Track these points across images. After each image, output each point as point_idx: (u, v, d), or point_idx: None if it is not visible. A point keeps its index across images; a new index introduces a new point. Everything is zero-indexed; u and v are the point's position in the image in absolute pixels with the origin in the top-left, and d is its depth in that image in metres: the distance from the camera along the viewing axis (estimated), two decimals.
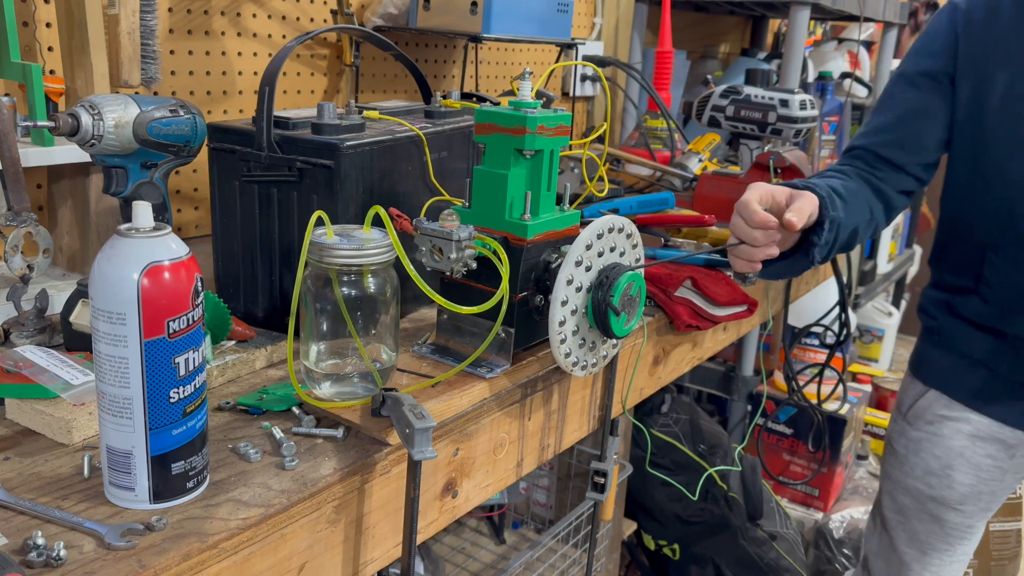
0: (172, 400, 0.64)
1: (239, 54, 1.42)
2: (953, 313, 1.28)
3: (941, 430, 1.29)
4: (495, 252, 0.86)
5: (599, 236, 0.89)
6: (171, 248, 0.63)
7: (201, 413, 0.67)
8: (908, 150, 1.23)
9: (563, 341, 0.90)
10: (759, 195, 1.03)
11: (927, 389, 1.32)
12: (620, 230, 0.93)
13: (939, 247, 1.32)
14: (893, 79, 1.27)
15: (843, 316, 1.79)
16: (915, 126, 1.23)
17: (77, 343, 0.88)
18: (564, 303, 0.88)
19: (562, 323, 0.89)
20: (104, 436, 0.64)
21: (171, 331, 0.63)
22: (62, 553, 0.58)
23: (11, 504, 0.64)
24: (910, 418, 1.34)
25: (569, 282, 0.87)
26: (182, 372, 0.64)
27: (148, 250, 0.61)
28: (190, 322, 0.64)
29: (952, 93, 1.21)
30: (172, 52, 1.33)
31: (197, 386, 0.66)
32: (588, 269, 0.90)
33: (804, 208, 1.02)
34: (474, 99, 1.26)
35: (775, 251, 1.04)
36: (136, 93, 0.95)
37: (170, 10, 1.31)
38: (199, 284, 0.65)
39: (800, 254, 1.10)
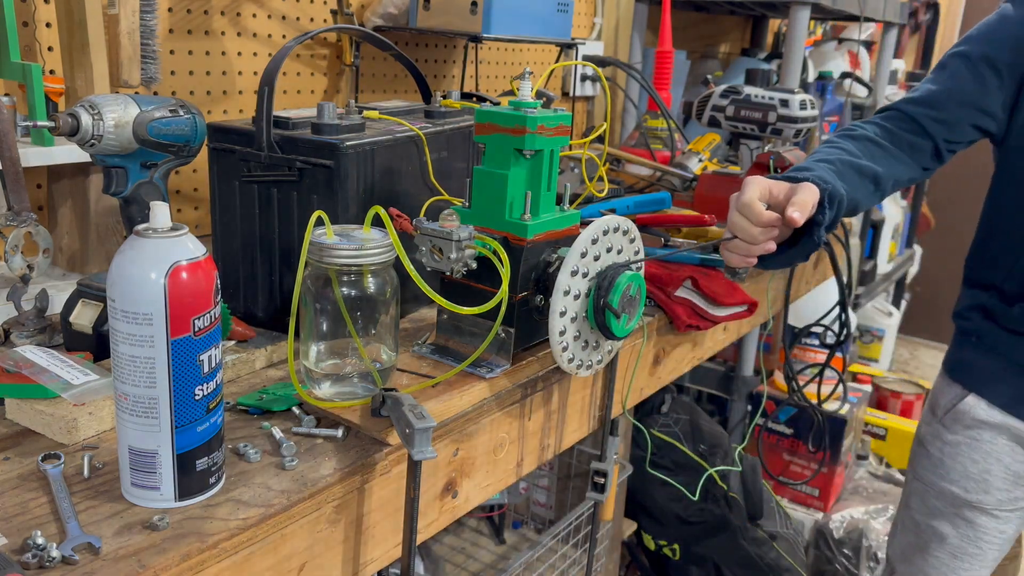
0: (197, 397, 0.64)
1: (239, 54, 1.42)
2: (992, 317, 1.26)
3: (981, 435, 1.27)
4: (495, 252, 0.86)
5: (594, 241, 0.89)
6: (191, 248, 0.63)
7: (220, 409, 0.68)
8: (946, 125, 1.20)
9: (564, 349, 0.90)
10: (759, 192, 1.01)
11: (966, 393, 1.29)
12: (616, 230, 0.93)
13: (981, 248, 1.29)
14: (953, 55, 1.23)
15: (843, 316, 1.79)
16: (962, 107, 1.19)
17: (77, 343, 0.88)
18: (563, 313, 0.88)
19: (562, 332, 0.89)
20: (125, 437, 0.64)
21: (196, 329, 0.63)
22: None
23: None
24: (947, 421, 1.31)
25: (567, 292, 0.87)
26: (206, 369, 0.65)
27: (171, 250, 0.62)
28: (212, 319, 0.64)
29: (1015, 89, 1.18)
30: (172, 52, 1.33)
31: (218, 382, 0.67)
32: (586, 275, 0.90)
33: (807, 202, 0.99)
34: (474, 99, 1.26)
35: (773, 246, 1.02)
36: (136, 93, 0.95)
37: (170, 10, 1.31)
38: (218, 281, 0.65)
39: (806, 238, 1.06)
